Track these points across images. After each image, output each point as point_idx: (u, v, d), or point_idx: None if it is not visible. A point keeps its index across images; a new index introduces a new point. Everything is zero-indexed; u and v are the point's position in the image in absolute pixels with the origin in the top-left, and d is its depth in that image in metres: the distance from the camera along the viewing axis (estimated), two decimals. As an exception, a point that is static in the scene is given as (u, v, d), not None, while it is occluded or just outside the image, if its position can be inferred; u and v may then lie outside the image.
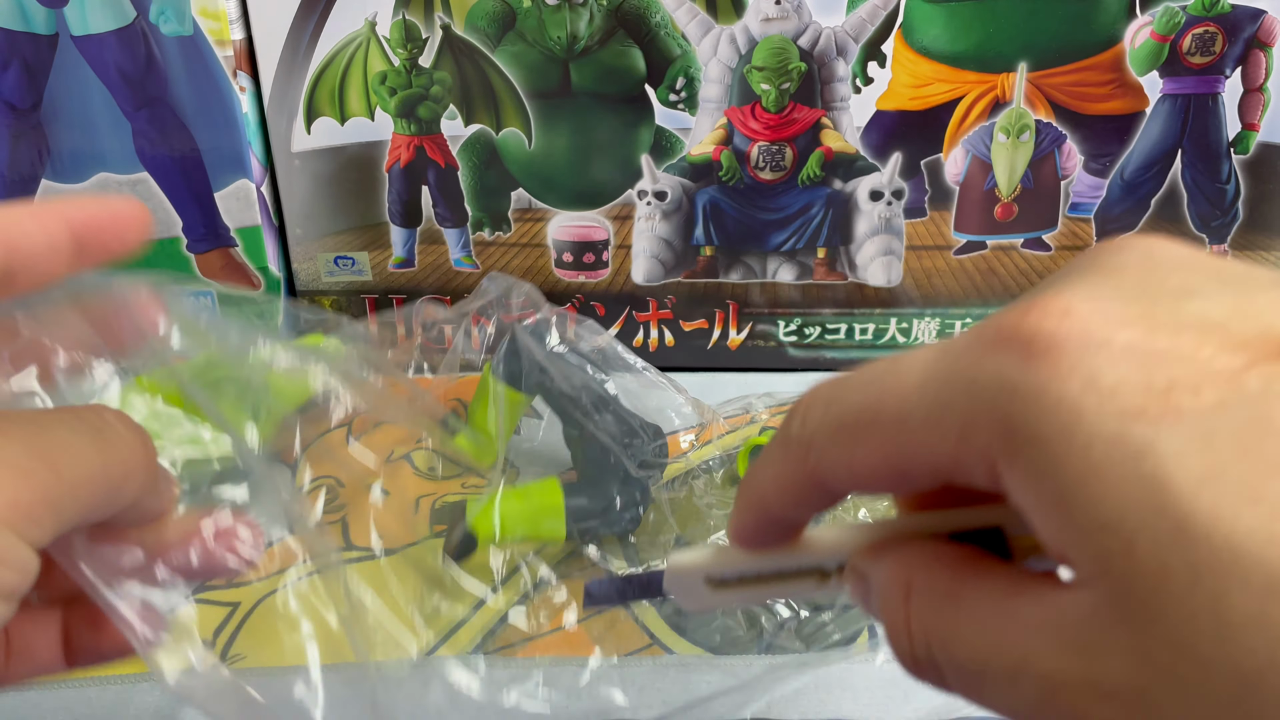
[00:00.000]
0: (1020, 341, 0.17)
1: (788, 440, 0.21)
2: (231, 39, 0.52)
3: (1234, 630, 0.14)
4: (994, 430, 0.17)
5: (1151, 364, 0.16)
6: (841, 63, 0.53)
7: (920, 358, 0.19)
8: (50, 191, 0.55)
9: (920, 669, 0.20)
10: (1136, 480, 0.15)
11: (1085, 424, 0.16)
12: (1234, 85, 0.53)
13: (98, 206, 0.25)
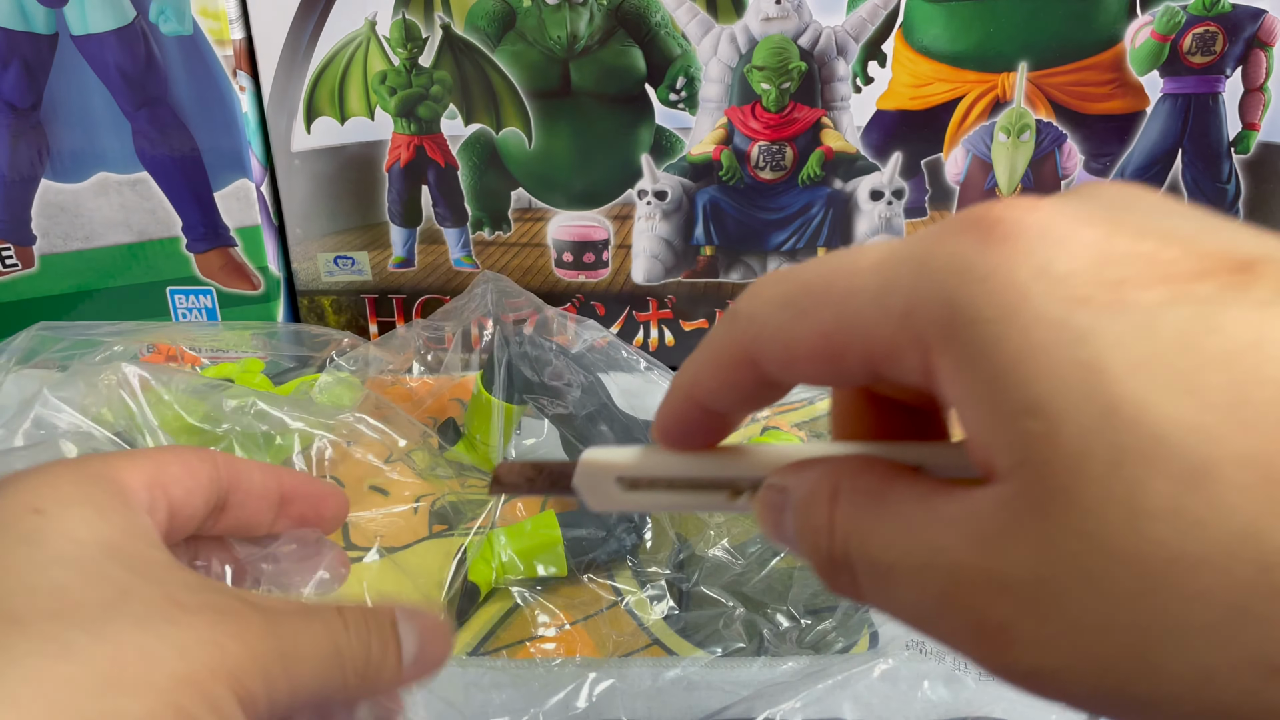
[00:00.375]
0: (982, 226, 0.17)
1: (733, 315, 0.21)
2: (231, 38, 0.52)
3: (1147, 520, 0.14)
4: (937, 310, 0.17)
5: (1108, 259, 0.16)
6: (842, 62, 0.53)
7: (885, 243, 0.19)
8: (50, 191, 0.55)
9: (836, 571, 0.19)
10: (1072, 363, 0.15)
11: (1030, 306, 0.15)
12: (1234, 85, 0.53)
13: (307, 482, 0.30)
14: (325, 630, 0.24)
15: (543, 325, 0.49)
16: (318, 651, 0.24)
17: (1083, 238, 0.16)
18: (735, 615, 0.41)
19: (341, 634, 0.25)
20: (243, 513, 0.28)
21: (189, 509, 0.26)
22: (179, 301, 0.59)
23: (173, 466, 0.26)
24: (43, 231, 0.56)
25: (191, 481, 0.26)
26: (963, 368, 0.16)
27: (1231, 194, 0.55)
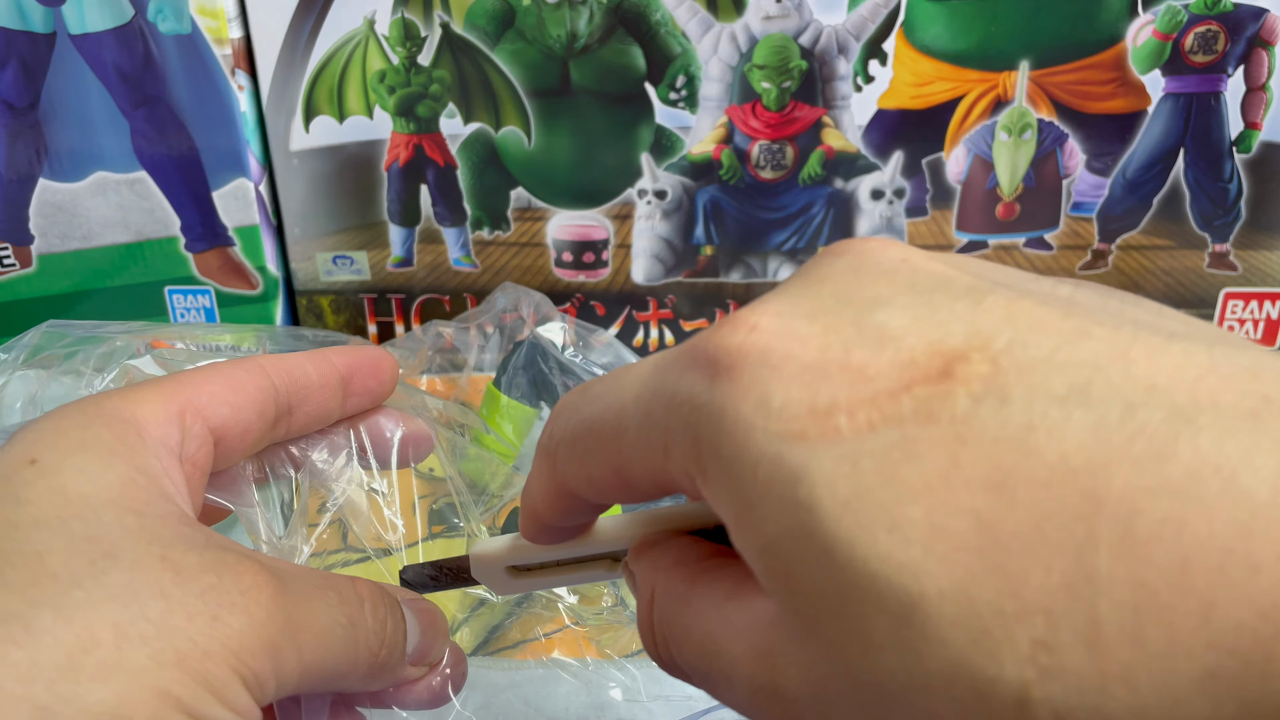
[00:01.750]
0: (708, 358, 0.17)
1: (540, 451, 0.22)
2: (229, 37, 0.52)
3: (876, 650, 0.15)
4: (687, 447, 0.17)
5: (818, 383, 0.16)
6: (843, 61, 0.53)
7: (641, 369, 0.20)
8: (48, 190, 0.55)
9: (666, 667, 0.20)
10: (792, 504, 0.15)
11: (754, 445, 0.16)
12: (1236, 84, 0.53)
13: (357, 353, 0.28)
14: (341, 602, 0.23)
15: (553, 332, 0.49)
16: (333, 625, 0.22)
17: (796, 359, 0.16)
18: None
19: (357, 607, 0.23)
20: (311, 408, 0.26)
21: (241, 426, 0.25)
22: (177, 301, 0.58)
23: (211, 385, 0.24)
24: (40, 231, 0.56)
25: (239, 397, 0.25)
26: (717, 501, 0.17)
27: (1234, 193, 0.55)
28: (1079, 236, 0.57)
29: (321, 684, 0.23)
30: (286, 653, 0.21)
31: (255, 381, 0.25)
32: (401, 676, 0.25)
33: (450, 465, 0.35)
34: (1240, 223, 0.56)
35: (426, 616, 0.26)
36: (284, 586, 0.22)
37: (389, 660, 0.24)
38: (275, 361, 0.26)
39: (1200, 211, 0.56)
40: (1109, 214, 0.56)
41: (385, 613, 0.24)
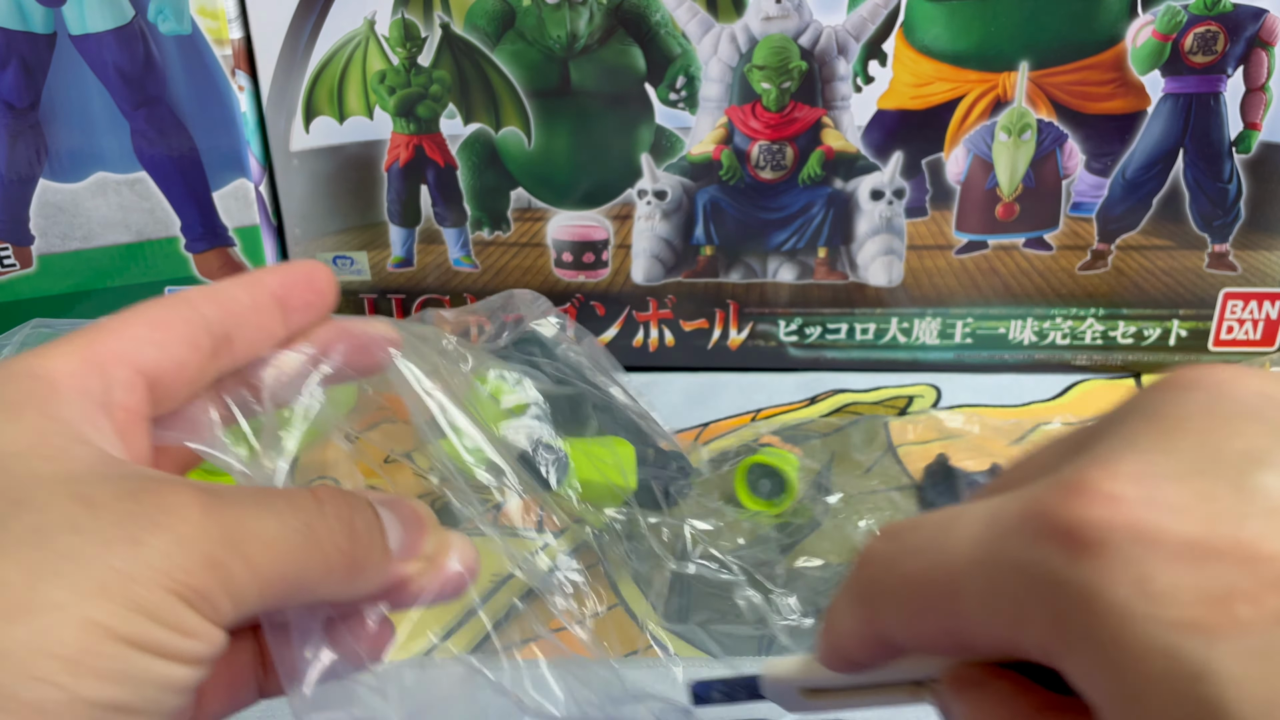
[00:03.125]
0: (1066, 533, 0.16)
1: (853, 600, 0.21)
2: (230, 38, 0.52)
3: None
4: (1046, 624, 0.16)
5: (1208, 564, 0.14)
6: (842, 61, 0.53)
7: (970, 526, 0.18)
8: (48, 191, 0.55)
9: None
10: (1194, 702, 0.14)
11: (1139, 633, 0.15)
12: (1236, 84, 0.53)
13: (287, 269, 0.27)
14: (291, 508, 0.22)
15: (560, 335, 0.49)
16: (285, 532, 0.21)
17: (1175, 535, 0.15)
18: (743, 588, 0.41)
19: (314, 511, 0.22)
20: (250, 332, 0.25)
21: (173, 363, 0.24)
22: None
23: (132, 328, 0.23)
24: (41, 231, 0.56)
25: (164, 334, 0.24)
26: (1087, 683, 0.16)
27: (1233, 193, 0.55)
28: (1078, 237, 0.57)
29: (293, 594, 0.22)
30: (233, 566, 0.20)
31: (180, 315, 0.24)
32: (395, 574, 0.25)
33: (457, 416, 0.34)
34: (1240, 223, 0.56)
35: (404, 510, 0.25)
36: (217, 501, 0.21)
37: (367, 558, 0.23)
38: (201, 292, 0.25)
39: (1200, 212, 0.56)
40: (1108, 214, 0.56)
41: (349, 512, 0.23)
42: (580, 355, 0.47)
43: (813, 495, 0.48)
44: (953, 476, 0.47)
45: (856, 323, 0.59)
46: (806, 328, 0.60)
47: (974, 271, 0.58)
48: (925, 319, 0.59)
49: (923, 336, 0.59)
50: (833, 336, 0.60)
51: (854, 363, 0.60)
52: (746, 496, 0.47)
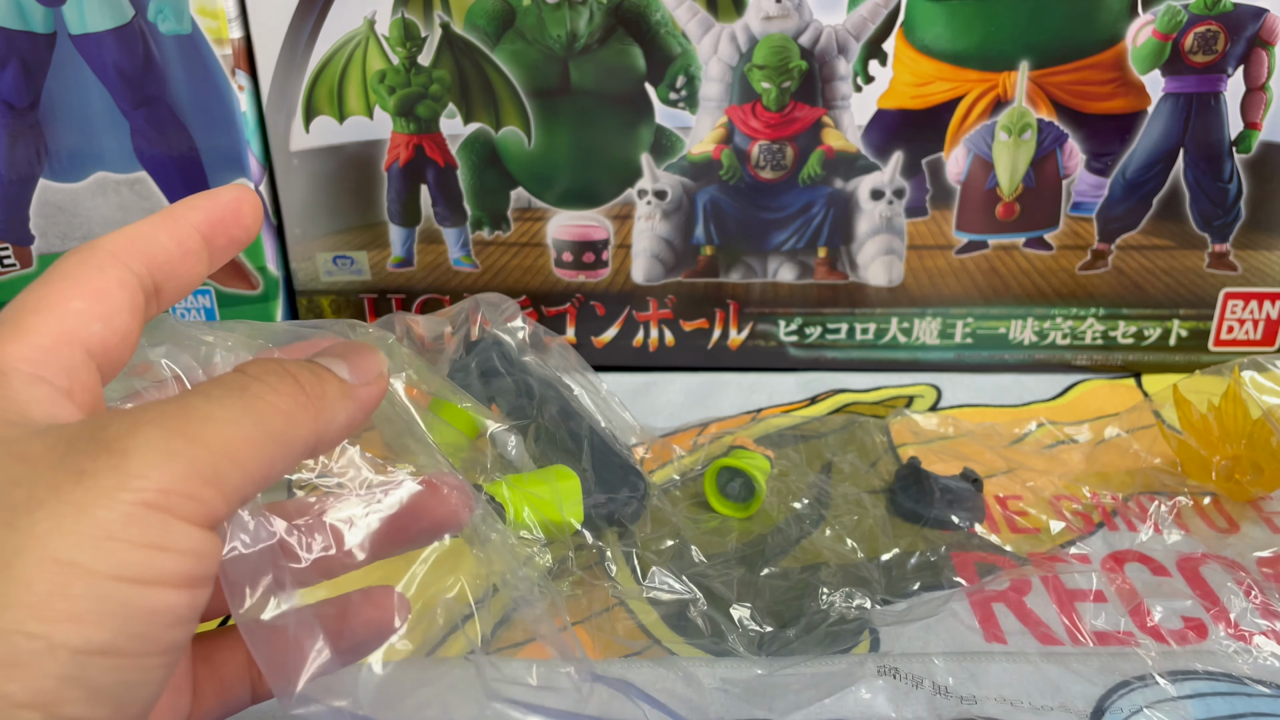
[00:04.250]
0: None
1: None
2: (230, 37, 0.52)
3: None
4: None
5: None
6: (843, 61, 0.53)
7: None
8: (48, 191, 0.55)
9: None
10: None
11: None
12: (1236, 84, 0.53)
13: (212, 201, 0.26)
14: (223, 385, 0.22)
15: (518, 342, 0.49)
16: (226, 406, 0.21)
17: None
18: (698, 604, 0.41)
19: (246, 379, 0.22)
20: (178, 281, 0.25)
21: (118, 334, 0.23)
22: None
23: (75, 303, 0.23)
24: (41, 231, 0.56)
25: (105, 306, 0.23)
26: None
27: (1233, 193, 0.55)
28: (1079, 236, 0.57)
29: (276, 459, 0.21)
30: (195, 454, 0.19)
31: (115, 279, 0.23)
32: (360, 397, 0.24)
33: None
34: (1240, 223, 0.56)
35: (339, 348, 0.25)
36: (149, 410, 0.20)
37: (323, 389, 0.23)
38: (126, 243, 0.24)
39: (1200, 211, 0.56)
40: (1109, 214, 0.56)
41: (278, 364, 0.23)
42: (544, 362, 0.47)
43: (778, 502, 0.48)
44: (923, 480, 0.47)
45: (857, 322, 0.59)
46: (806, 328, 0.60)
47: (974, 271, 0.58)
48: (925, 319, 0.59)
49: (923, 336, 0.59)
50: (833, 336, 0.60)
51: (854, 362, 0.60)
52: (716, 500, 0.47)
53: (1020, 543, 0.45)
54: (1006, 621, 0.41)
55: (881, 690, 0.37)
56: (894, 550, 0.45)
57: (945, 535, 0.46)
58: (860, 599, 0.41)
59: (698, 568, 0.43)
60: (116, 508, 0.18)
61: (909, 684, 0.37)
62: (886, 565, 0.44)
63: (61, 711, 0.17)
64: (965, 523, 0.46)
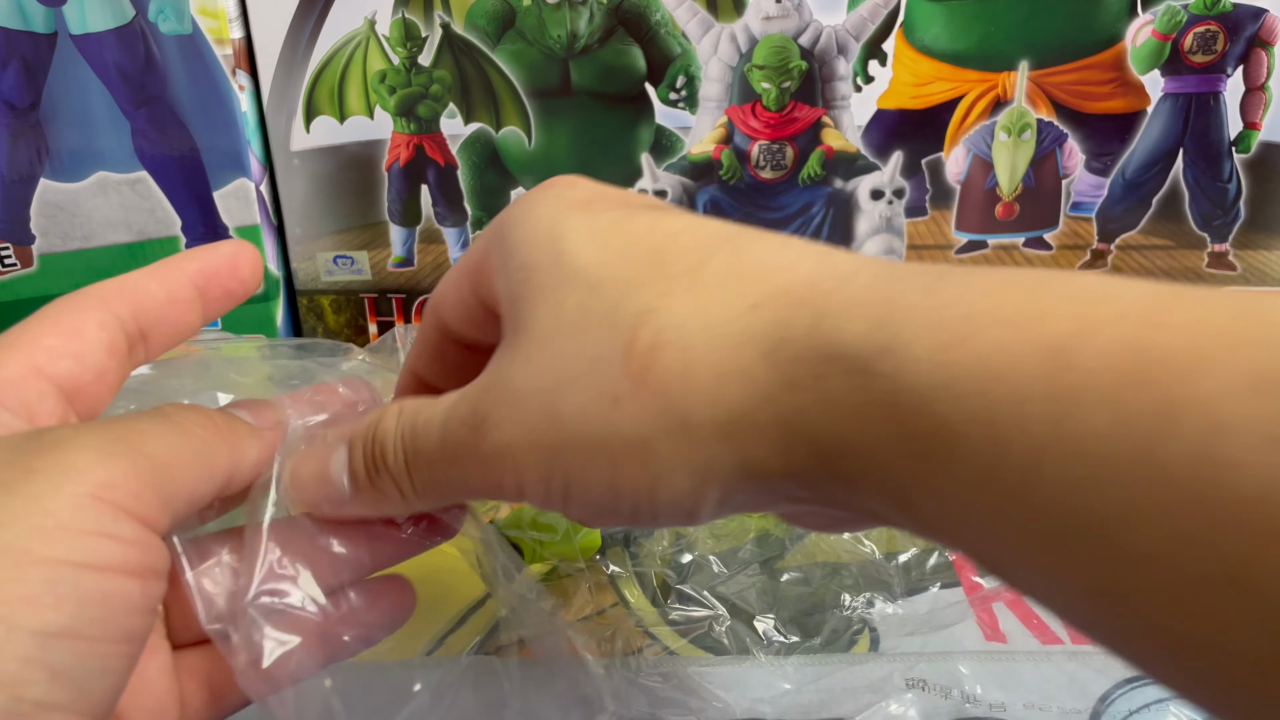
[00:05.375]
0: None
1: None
2: (230, 37, 0.52)
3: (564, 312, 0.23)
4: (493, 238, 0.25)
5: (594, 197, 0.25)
6: (842, 61, 0.53)
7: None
8: (49, 190, 0.55)
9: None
10: (548, 239, 0.24)
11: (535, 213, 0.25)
12: (1235, 84, 0.53)
13: (210, 254, 0.28)
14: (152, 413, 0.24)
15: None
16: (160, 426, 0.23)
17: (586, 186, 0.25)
18: (721, 621, 0.41)
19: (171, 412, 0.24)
20: (166, 329, 0.26)
21: (92, 372, 0.24)
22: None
23: (47, 339, 0.24)
24: (41, 231, 0.56)
25: (78, 344, 0.24)
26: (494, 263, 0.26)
27: (1233, 193, 0.55)
28: (1078, 236, 0.57)
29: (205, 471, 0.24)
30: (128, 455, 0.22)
31: (94, 320, 0.24)
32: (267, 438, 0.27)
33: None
34: (1239, 223, 0.56)
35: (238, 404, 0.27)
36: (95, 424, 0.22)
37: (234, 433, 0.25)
38: (116, 289, 0.25)
39: (1200, 211, 0.56)
40: (1108, 214, 0.56)
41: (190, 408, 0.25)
42: None
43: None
44: None
45: (856, 322, 0.59)
46: (806, 327, 0.59)
47: (974, 271, 0.58)
48: (925, 318, 0.59)
49: (923, 336, 0.59)
50: (833, 336, 0.60)
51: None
52: None
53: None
54: (1006, 622, 0.41)
55: (912, 704, 0.37)
56: (911, 550, 0.44)
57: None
58: (882, 603, 0.41)
59: (718, 579, 0.43)
60: (63, 499, 0.19)
61: (938, 695, 0.37)
62: (905, 565, 0.44)
63: (23, 692, 0.18)
64: None
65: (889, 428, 0.19)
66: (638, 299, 0.22)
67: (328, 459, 0.26)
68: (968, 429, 0.18)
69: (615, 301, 0.22)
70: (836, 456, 0.20)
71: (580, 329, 0.22)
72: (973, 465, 0.18)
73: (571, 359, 0.22)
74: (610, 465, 0.21)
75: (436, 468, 0.24)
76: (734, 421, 0.21)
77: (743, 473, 0.21)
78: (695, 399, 0.21)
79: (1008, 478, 0.17)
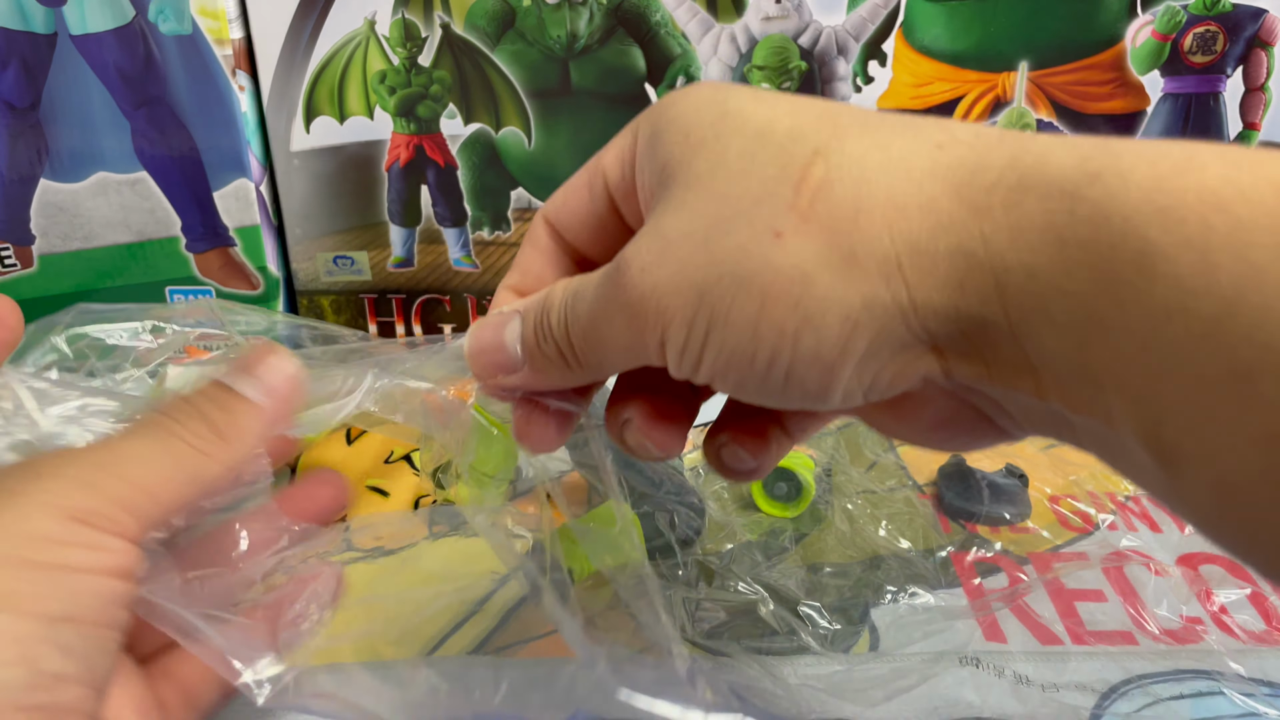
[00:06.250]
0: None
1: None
2: (230, 38, 0.52)
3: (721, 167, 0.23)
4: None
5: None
6: (842, 62, 0.53)
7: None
8: (49, 191, 0.55)
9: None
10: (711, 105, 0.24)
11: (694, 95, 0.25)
12: (1235, 84, 0.53)
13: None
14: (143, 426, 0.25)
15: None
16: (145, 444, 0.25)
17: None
18: (766, 602, 0.41)
19: (164, 420, 0.25)
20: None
21: None
22: (178, 301, 0.58)
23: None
24: (42, 231, 0.56)
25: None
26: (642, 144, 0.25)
27: (1232, 194, 0.55)
28: (1078, 237, 0.57)
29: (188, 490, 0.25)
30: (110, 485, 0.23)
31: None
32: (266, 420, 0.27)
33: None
34: (1239, 223, 0.56)
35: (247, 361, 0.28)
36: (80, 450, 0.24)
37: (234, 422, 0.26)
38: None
39: (1199, 212, 0.56)
40: (1108, 214, 0.56)
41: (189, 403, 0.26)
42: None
43: (827, 500, 0.48)
44: (969, 476, 0.47)
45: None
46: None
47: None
48: (925, 319, 0.59)
49: (922, 336, 0.59)
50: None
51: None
52: (764, 501, 0.47)
53: (1020, 543, 0.45)
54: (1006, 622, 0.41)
55: (967, 680, 0.37)
56: (947, 548, 0.44)
57: (999, 533, 0.46)
58: (924, 595, 0.42)
59: (760, 566, 0.43)
60: (50, 519, 0.22)
61: (991, 673, 0.37)
62: (943, 562, 0.44)
63: (41, 665, 0.21)
64: (1015, 518, 0.46)
65: (1085, 254, 0.19)
66: (809, 141, 0.22)
67: (503, 327, 0.27)
68: (1177, 253, 0.18)
69: (783, 144, 0.22)
70: (1016, 289, 0.19)
71: (744, 171, 0.22)
72: (1172, 294, 0.18)
73: (733, 199, 0.22)
74: (759, 302, 0.21)
75: (591, 324, 0.25)
76: (906, 255, 0.20)
77: (901, 316, 0.21)
78: (866, 232, 0.21)
79: (1208, 308, 0.17)
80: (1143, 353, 0.18)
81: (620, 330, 0.24)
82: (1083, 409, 0.20)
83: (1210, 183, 0.18)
